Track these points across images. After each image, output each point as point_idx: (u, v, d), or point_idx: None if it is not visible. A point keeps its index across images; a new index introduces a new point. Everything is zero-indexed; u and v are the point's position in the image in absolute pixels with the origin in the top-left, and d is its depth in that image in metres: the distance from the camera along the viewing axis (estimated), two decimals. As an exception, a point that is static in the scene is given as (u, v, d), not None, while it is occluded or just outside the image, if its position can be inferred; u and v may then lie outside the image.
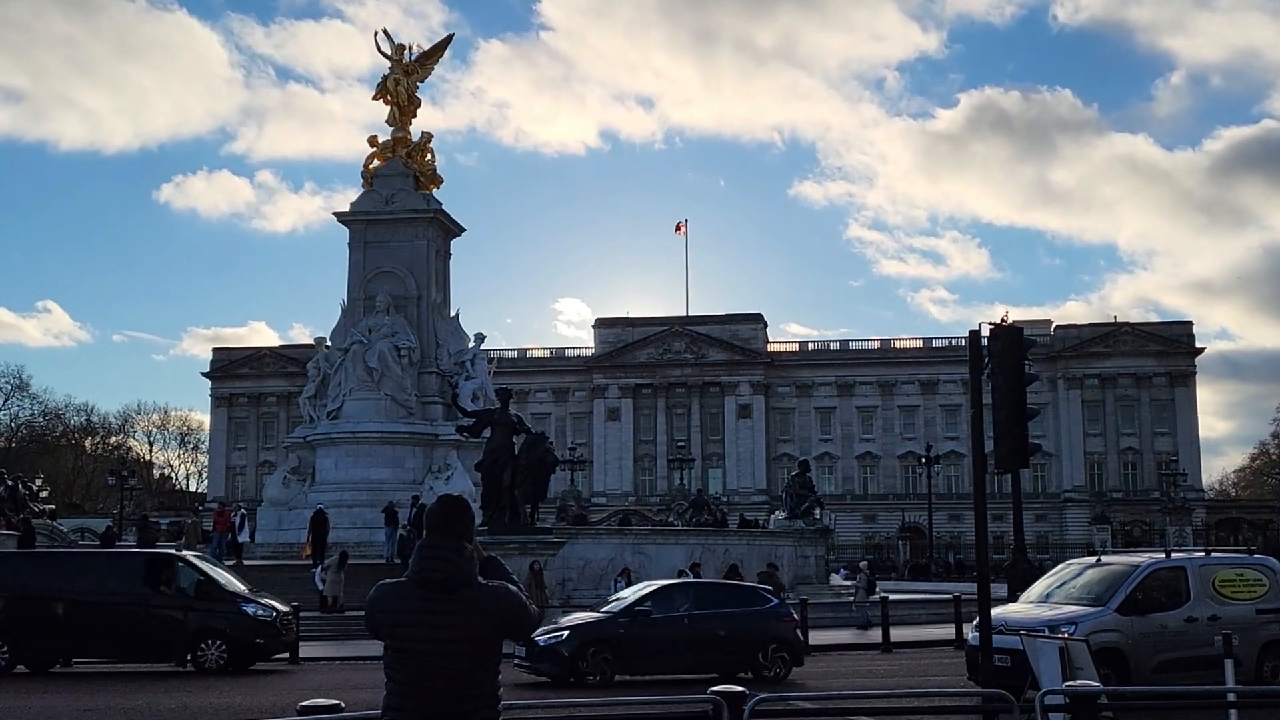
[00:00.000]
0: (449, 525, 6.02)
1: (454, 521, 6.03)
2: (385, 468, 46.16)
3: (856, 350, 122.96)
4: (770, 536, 46.06)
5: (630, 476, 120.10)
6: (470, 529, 6.06)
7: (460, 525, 6.01)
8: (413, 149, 50.80)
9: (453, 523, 6.03)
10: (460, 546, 5.96)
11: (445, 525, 6.02)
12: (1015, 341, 16.04)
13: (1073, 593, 20.25)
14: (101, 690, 21.93)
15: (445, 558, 5.93)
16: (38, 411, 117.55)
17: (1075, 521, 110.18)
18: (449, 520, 6.04)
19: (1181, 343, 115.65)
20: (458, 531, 6.00)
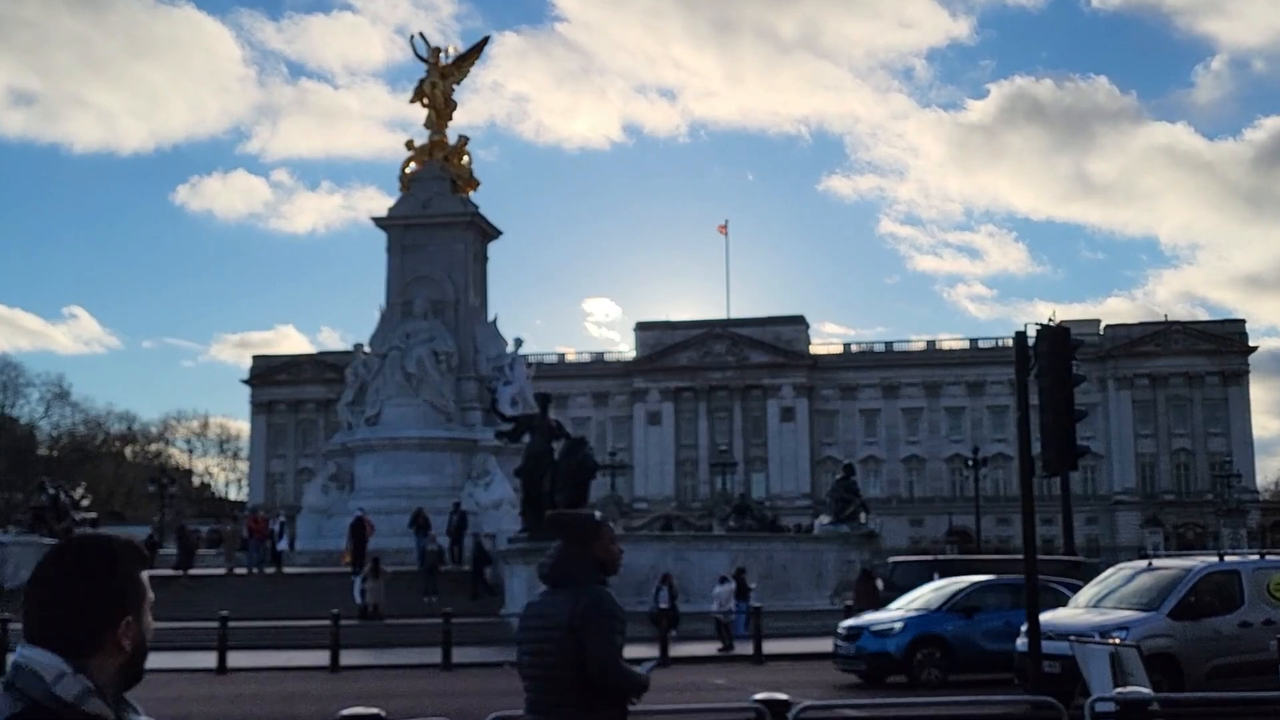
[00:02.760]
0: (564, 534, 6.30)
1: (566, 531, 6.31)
2: (424, 474, 46.06)
3: (901, 351, 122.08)
4: (815, 541, 45.56)
5: (672, 481, 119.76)
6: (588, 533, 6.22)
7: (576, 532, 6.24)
8: (450, 152, 50.79)
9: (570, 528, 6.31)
10: (568, 548, 6.18)
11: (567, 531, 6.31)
12: (1062, 342, 15.69)
13: (1124, 597, 19.82)
14: None
15: (552, 554, 6.24)
16: (79, 420, 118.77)
17: (1126, 524, 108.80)
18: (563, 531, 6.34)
19: (1234, 341, 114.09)
20: (572, 537, 6.21)
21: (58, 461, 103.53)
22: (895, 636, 23.45)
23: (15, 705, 2.73)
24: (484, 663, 28.52)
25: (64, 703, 2.73)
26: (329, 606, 29.71)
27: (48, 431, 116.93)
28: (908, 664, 23.09)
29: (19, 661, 2.77)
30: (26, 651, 2.78)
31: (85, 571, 2.85)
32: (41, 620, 2.81)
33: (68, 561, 2.86)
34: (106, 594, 2.86)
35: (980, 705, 14.76)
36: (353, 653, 28.60)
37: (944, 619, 23.77)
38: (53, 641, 2.79)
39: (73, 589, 2.82)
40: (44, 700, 2.72)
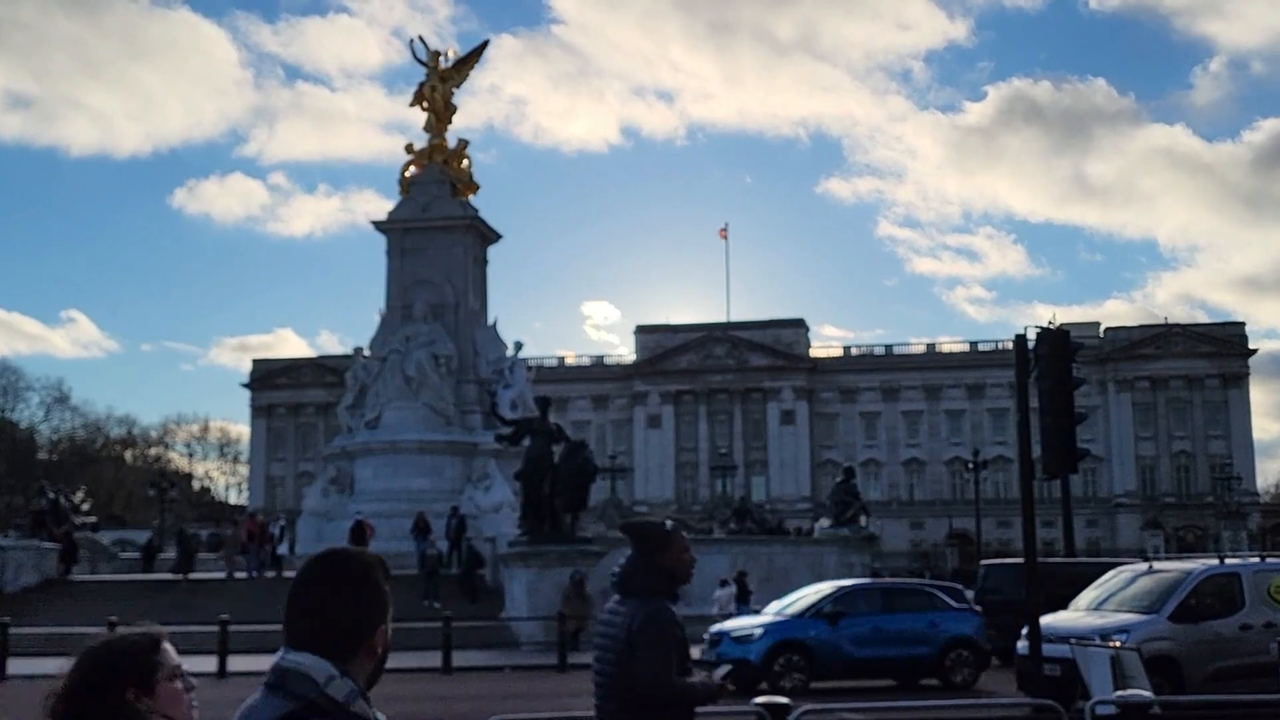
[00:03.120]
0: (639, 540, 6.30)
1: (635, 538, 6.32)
2: (424, 477, 46.03)
3: (901, 354, 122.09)
4: (815, 544, 45.55)
5: (672, 484, 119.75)
6: (658, 543, 6.20)
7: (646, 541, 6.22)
8: (449, 155, 50.78)
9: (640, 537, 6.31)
10: (638, 557, 6.18)
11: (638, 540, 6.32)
12: (1061, 345, 15.68)
13: (1124, 600, 19.80)
14: None
15: (623, 563, 6.26)
16: (79, 424, 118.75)
17: (1127, 527, 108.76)
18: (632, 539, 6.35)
19: (1234, 343, 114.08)
20: (642, 546, 6.20)
21: (58, 465, 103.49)
22: (755, 643, 22.98)
23: (287, 705, 2.96)
24: (484, 666, 28.54)
25: (335, 703, 2.96)
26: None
27: (48, 435, 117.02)
28: (767, 671, 22.57)
29: (285, 666, 3.02)
30: (292, 656, 3.02)
31: (347, 582, 3.11)
32: (307, 627, 3.05)
33: (330, 572, 3.12)
34: (366, 603, 3.13)
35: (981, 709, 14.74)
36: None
37: (807, 625, 23.37)
38: (318, 647, 3.03)
39: (337, 598, 3.07)
40: (317, 700, 2.95)
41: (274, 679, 3.04)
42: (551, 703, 20.74)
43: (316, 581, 3.11)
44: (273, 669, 3.06)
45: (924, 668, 23.50)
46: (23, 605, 36.69)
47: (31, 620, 33.81)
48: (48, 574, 41.62)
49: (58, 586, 40.99)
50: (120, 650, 3.02)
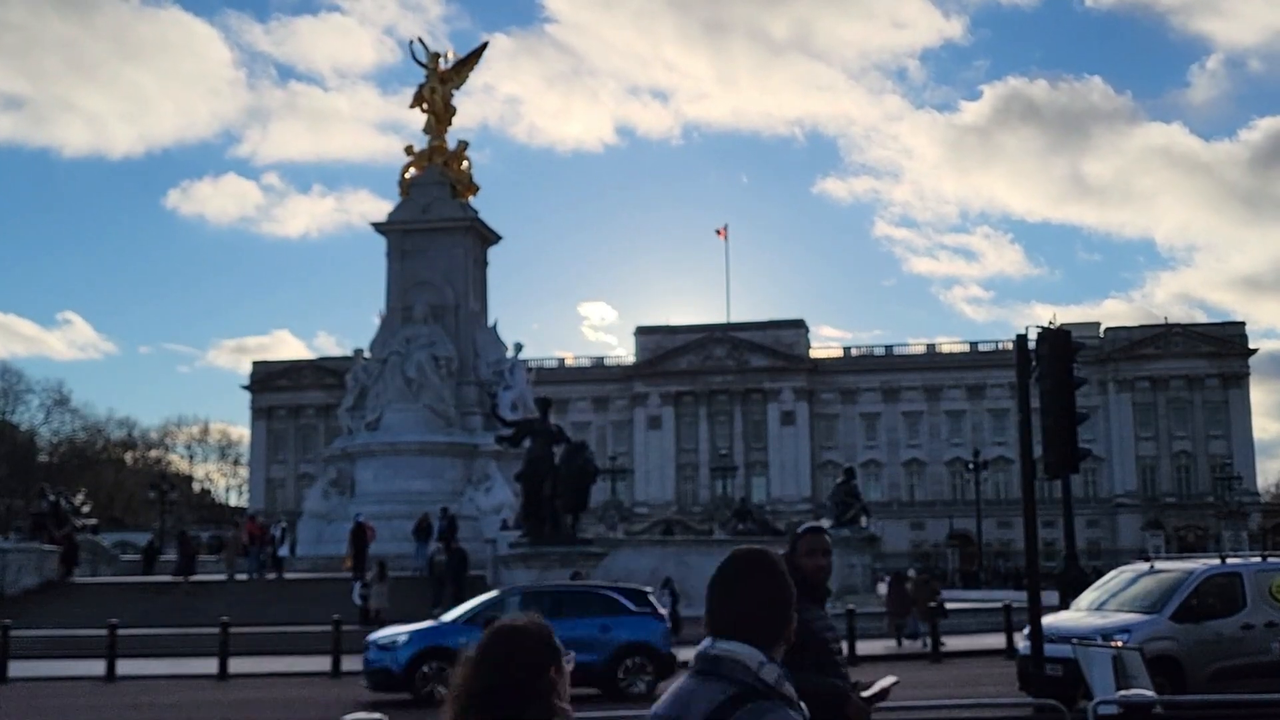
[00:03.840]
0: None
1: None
2: (424, 479, 46.03)
3: (901, 355, 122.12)
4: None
5: (672, 485, 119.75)
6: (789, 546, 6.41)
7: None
8: (449, 157, 50.81)
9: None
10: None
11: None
12: (1062, 345, 15.67)
13: (1126, 600, 19.79)
14: None
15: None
16: (79, 426, 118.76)
17: (1128, 527, 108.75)
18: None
19: (1234, 343, 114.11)
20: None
21: (58, 468, 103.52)
22: (398, 650, 22.11)
23: (728, 688, 3.27)
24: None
25: (769, 685, 3.29)
26: (330, 612, 29.68)
27: (48, 438, 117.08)
28: (410, 679, 21.69)
29: (717, 653, 3.37)
30: (723, 644, 3.37)
31: (770, 576, 3.48)
32: (736, 618, 3.41)
33: (755, 568, 3.49)
34: (786, 596, 3.50)
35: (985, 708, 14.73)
36: (354, 658, 28.50)
37: (459, 631, 21.92)
38: (747, 635, 3.37)
39: (763, 592, 3.45)
40: (754, 684, 3.27)
41: (705, 665, 3.38)
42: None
43: (743, 577, 3.48)
44: (701, 657, 3.40)
45: (592, 676, 21.89)
46: (23, 607, 36.70)
47: (32, 623, 33.83)
48: (48, 576, 41.63)
49: (58, 589, 41.00)
50: (541, 633, 3.34)
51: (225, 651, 26.65)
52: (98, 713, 21.04)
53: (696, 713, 3.29)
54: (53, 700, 22.77)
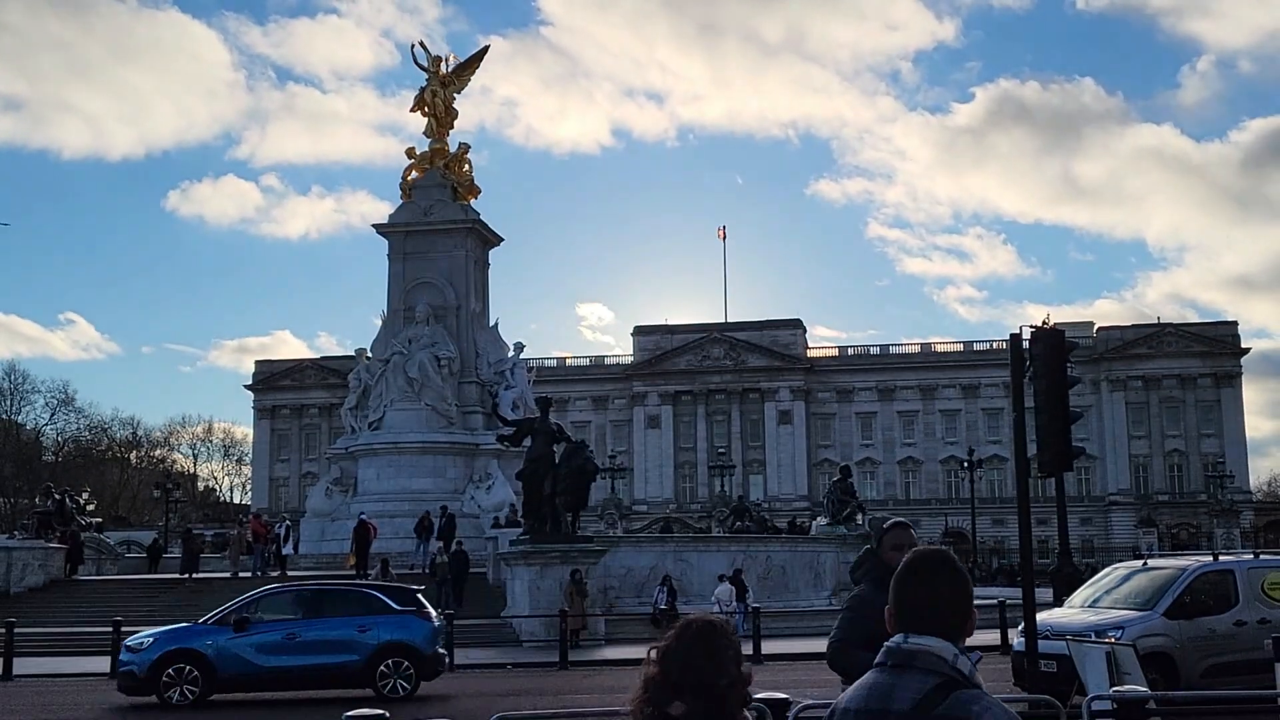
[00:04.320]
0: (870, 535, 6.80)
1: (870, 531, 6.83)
2: (426, 477, 46.33)
3: (896, 354, 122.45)
4: (812, 542, 45.88)
5: (671, 484, 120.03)
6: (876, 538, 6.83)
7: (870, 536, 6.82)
8: (450, 159, 51.06)
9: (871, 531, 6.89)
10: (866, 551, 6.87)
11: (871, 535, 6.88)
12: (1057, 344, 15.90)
13: (1119, 597, 20.03)
14: None
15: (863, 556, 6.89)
16: (83, 426, 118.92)
17: (1121, 525, 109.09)
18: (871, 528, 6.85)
19: (1226, 343, 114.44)
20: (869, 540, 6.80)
21: (63, 467, 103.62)
22: (144, 652, 21.29)
23: (930, 679, 3.48)
24: (487, 664, 28.80)
25: (965, 675, 3.49)
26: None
27: (53, 437, 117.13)
28: (154, 683, 20.98)
29: (912, 648, 3.55)
30: (916, 639, 3.55)
31: (957, 573, 3.67)
32: (928, 614, 3.58)
33: (942, 566, 3.67)
34: (969, 592, 3.68)
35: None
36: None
37: (206, 632, 21.51)
38: (939, 630, 3.56)
39: (953, 588, 3.63)
40: (953, 675, 3.47)
41: (900, 659, 3.55)
42: (554, 700, 20.98)
43: (930, 575, 3.64)
44: (892, 651, 3.58)
45: (350, 677, 21.60)
46: (29, 605, 36.98)
47: (37, 620, 34.11)
48: (54, 574, 41.87)
49: (64, 587, 41.28)
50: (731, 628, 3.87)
51: (231, 648, 26.87)
52: (102, 710, 21.28)
53: (902, 702, 3.48)
54: (58, 697, 23.00)
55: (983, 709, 3.42)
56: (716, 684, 3.72)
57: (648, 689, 3.75)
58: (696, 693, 3.70)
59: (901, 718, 3.47)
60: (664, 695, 3.72)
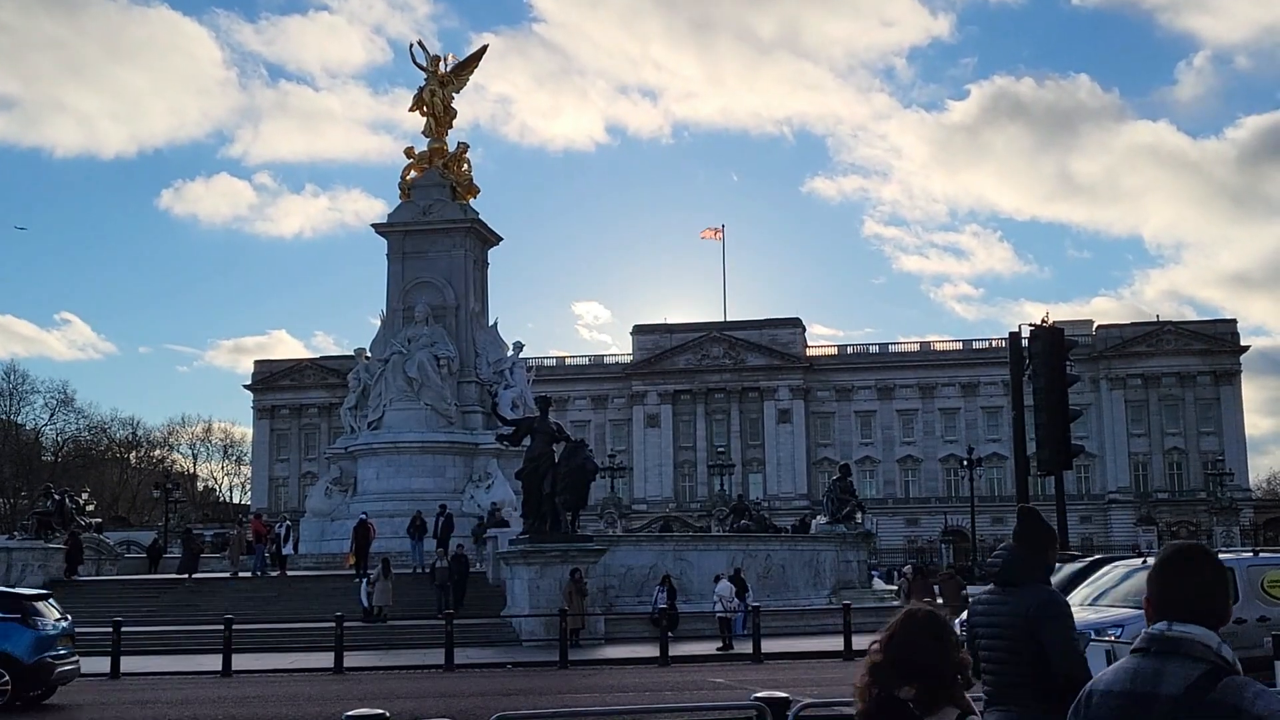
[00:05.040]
0: (1018, 530, 6.93)
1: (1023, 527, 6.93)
2: (426, 477, 46.34)
3: (896, 353, 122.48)
4: (812, 541, 45.88)
5: (670, 482, 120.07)
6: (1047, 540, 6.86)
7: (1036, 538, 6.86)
8: (449, 159, 51.03)
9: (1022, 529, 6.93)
10: (1022, 550, 6.76)
11: (1016, 530, 6.94)
12: (1056, 343, 15.94)
13: (1119, 595, 20.02)
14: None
15: (1003, 555, 6.84)
16: (83, 426, 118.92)
17: (1120, 523, 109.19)
18: (1019, 525, 6.97)
19: (1225, 341, 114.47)
20: (1031, 541, 6.81)
21: (63, 467, 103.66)
22: None
23: (1197, 666, 3.59)
24: (486, 664, 28.80)
25: (1228, 663, 3.61)
26: (333, 609, 29.97)
27: (52, 438, 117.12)
28: None
29: (1176, 635, 3.67)
30: (1180, 627, 3.68)
31: (1214, 565, 3.82)
32: (1190, 604, 3.71)
33: (1199, 559, 3.83)
34: (1227, 581, 3.87)
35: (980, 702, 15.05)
36: (356, 654, 28.86)
37: None
38: (1201, 619, 3.69)
39: (1210, 579, 3.78)
40: (1218, 662, 3.60)
41: (1165, 646, 3.68)
42: (553, 699, 20.99)
43: (1189, 566, 3.79)
44: (1158, 639, 3.71)
45: None
46: (29, 606, 36.93)
47: (38, 620, 34.06)
48: (54, 575, 41.85)
49: (64, 587, 41.23)
50: (941, 620, 4.16)
51: (229, 648, 26.90)
52: (103, 709, 21.28)
53: (1172, 687, 3.57)
54: (57, 697, 23.00)
55: (1255, 695, 3.48)
56: (941, 668, 4.05)
57: (873, 673, 4.08)
58: (922, 676, 4.03)
59: (1172, 702, 3.55)
60: (891, 679, 4.05)
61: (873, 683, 4.07)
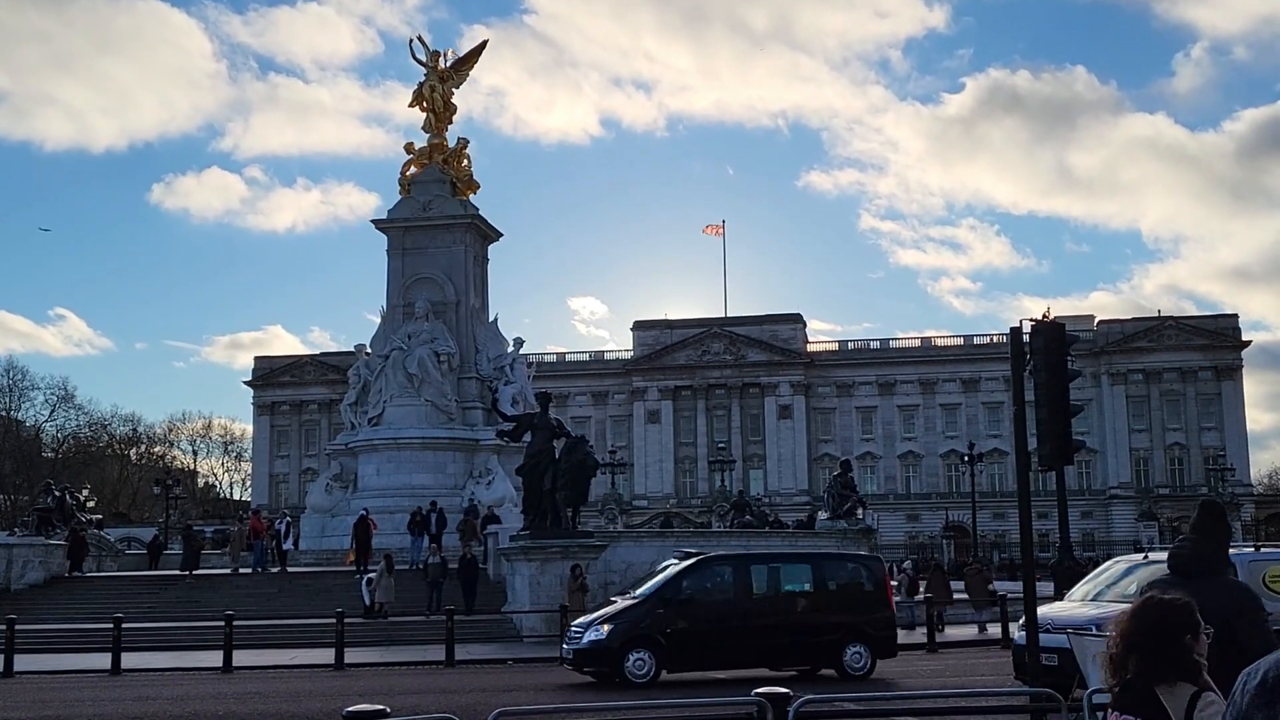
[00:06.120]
0: (1198, 522, 7.11)
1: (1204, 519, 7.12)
2: (426, 473, 46.33)
3: (896, 349, 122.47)
4: (812, 536, 45.81)
5: (671, 478, 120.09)
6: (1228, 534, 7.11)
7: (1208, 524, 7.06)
8: (449, 155, 50.97)
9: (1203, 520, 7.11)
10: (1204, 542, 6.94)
11: (1196, 522, 7.12)
12: (1057, 337, 15.86)
13: (1120, 591, 20.02)
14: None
15: (1185, 547, 7.01)
16: (83, 423, 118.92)
17: (1121, 518, 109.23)
18: (1199, 517, 7.17)
19: (1227, 335, 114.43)
20: (1213, 532, 7.02)
21: (63, 464, 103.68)
22: None
23: None
24: (487, 660, 28.79)
25: None
26: (333, 605, 29.97)
27: (53, 434, 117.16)
28: None
29: None
30: None
31: None
32: None
33: None
34: None
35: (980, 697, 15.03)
36: (357, 650, 28.84)
37: None
38: None
39: None
40: None
41: None
42: (554, 695, 20.97)
43: None
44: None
45: None
46: (29, 602, 37.00)
47: (38, 617, 34.13)
48: (54, 571, 41.89)
49: (64, 583, 41.29)
50: (1187, 606, 4.46)
51: (230, 645, 26.90)
52: (103, 706, 21.26)
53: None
54: (58, 694, 22.99)
55: None
56: (1177, 649, 4.38)
57: (1120, 653, 4.47)
58: (1159, 656, 4.39)
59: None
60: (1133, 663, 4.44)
61: (1115, 668, 4.52)
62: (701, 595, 23.74)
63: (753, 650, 23.16)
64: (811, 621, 23.66)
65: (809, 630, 23.57)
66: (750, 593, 23.87)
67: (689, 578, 23.82)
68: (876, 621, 23.93)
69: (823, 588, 24.42)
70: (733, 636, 23.02)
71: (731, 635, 23.01)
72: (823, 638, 23.52)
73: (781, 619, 23.64)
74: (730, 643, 22.98)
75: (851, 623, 23.64)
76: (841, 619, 23.67)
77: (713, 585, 24.18)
